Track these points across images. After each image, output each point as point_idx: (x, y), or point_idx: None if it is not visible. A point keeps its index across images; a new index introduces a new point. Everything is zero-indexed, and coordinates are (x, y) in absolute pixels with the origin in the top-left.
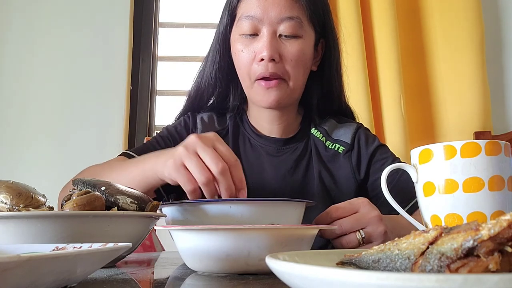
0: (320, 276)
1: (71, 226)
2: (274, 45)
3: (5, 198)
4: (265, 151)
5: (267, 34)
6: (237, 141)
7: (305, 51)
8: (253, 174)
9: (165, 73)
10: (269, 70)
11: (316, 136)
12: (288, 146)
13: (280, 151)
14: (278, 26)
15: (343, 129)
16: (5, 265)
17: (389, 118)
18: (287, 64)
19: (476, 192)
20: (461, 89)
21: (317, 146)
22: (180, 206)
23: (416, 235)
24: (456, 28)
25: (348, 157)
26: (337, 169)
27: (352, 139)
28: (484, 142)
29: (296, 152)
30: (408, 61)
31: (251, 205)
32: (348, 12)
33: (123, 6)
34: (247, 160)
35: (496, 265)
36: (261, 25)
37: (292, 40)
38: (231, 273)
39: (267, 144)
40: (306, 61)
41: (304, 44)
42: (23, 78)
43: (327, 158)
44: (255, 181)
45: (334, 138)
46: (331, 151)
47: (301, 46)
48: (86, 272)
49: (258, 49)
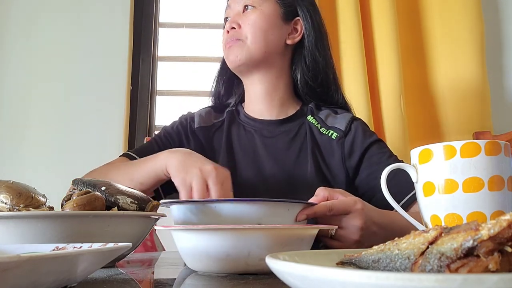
0: (320, 276)
1: (71, 226)
2: (234, 19)
3: (5, 198)
4: (258, 134)
5: (232, 14)
6: (231, 129)
7: (263, 18)
8: (245, 155)
9: (165, 73)
10: (229, 35)
11: (311, 122)
12: (281, 127)
13: (273, 132)
14: (241, 5)
15: (339, 118)
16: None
17: (389, 117)
18: (244, 27)
19: (476, 192)
20: (461, 89)
21: (312, 130)
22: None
23: (416, 235)
24: (456, 27)
25: (341, 144)
26: (329, 154)
27: (346, 127)
28: (484, 142)
29: (290, 133)
30: (408, 60)
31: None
32: (348, 12)
33: (123, 6)
34: (240, 143)
35: (496, 265)
36: (231, 9)
37: (251, 11)
38: (231, 273)
39: (261, 127)
40: (266, 27)
41: (262, 13)
42: (23, 78)
43: (321, 142)
44: (247, 162)
45: (329, 125)
46: (325, 136)
47: (257, 13)
48: (86, 272)
49: (227, 26)
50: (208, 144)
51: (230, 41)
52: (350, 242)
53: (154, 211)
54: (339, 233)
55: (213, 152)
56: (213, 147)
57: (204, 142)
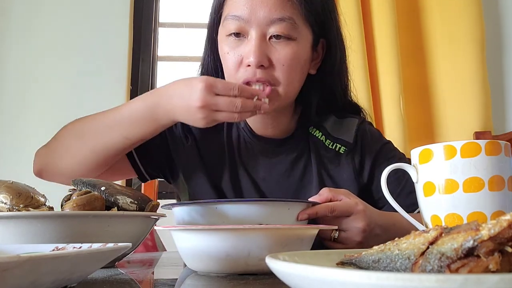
0: (320, 276)
1: (71, 226)
2: (262, 50)
3: (5, 198)
4: (259, 151)
5: (255, 38)
6: (231, 139)
7: (299, 55)
8: (246, 174)
9: (165, 73)
10: (256, 76)
11: (315, 136)
12: (284, 146)
13: (275, 152)
14: (268, 28)
15: (345, 126)
16: (5, 265)
17: (389, 118)
18: (278, 69)
19: (476, 192)
20: (461, 89)
21: (317, 147)
22: None
23: (416, 235)
24: (457, 27)
25: (351, 158)
26: (338, 171)
27: (355, 138)
28: (484, 142)
29: (293, 153)
30: (408, 60)
31: (239, 205)
32: (348, 12)
33: (123, 6)
34: (241, 159)
35: (496, 265)
36: (248, 27)
37: (284, 43)
38: (231, 273)
39: (261, 144)
40: (301, 65)
41: (298, 47)
42: (23, 78)
43: (328, 159)
44: (247, 182)
45: (335, 137)
46: (331, 151)
47: (294, 49)
48: (86, 272)
49: (245, 53)
50: (206, 146)
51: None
52: (353, 244)
53: (154, 211)
54: (341, 236)
55: (213, 157)
56: (212, 149)
57: (199, 143)
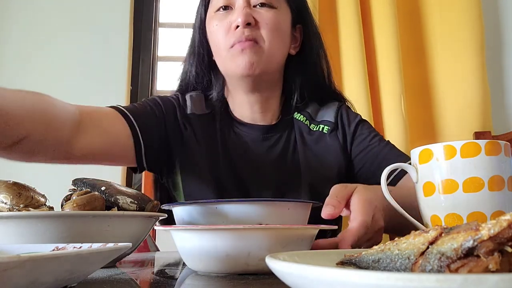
0: (320, 276)
1: (71, 226)
2: (248, 12)
3: (5, 198)
4: (250, 139)
5: (242, 2)
6: (224, 129)
7: (281, 21)
8: (241, 163)
9: (165, 73)
10: (244, 34)
11: (300, 120)
12: (272, 133)
13: (265, 139)
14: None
15: (326, 110)
16: (5, 265)
17: (389, 117)
18: (263, 28)
19: (476, 192)
20: (461, 89)
21: (301, 131)
22: None
23: (416, 235)
24: (457, 28)
25: (335, 135)
26: (323, 150)
27: (336, 118)
28: (484, 142)
29: (282, 139)
30: (408, 61)
31: (239, 205)
32: (348, 12)
33: (123, 6)
34: (235, 149)
35: (496, 265)
36: None
37: (267, 9)
38: (231, 273)
39: (251, 132)
40: (283, 31)
41: (280, 15)
42: (23, 78)
43: (312, 141)
44: (243, 172)
45: (318, 120)
46: (315, 133)
47: (276, 14)
48: (86, 272)
49: (233, 18)
50: (202, 135)
51: (245, 42)
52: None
53: (154, 211)
54: None
55: (209, 147)
56: (208, 141)
57: (196, 132)
